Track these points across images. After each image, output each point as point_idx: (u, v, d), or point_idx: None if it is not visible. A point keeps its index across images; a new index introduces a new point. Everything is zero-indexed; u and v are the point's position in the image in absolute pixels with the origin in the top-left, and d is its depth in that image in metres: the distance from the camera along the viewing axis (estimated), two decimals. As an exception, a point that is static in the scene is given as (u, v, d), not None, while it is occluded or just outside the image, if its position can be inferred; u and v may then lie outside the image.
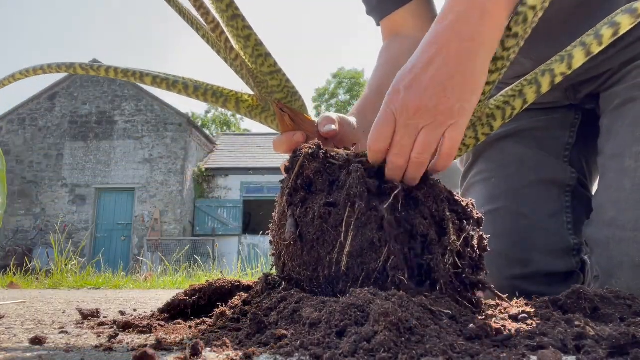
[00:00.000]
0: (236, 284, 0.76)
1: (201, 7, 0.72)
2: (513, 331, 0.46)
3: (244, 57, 0.73)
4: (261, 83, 0.74)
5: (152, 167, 12.90)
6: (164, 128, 13.12)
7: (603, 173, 0.92)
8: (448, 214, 0.61)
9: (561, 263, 0.99)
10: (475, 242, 0.64)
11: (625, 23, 0.58)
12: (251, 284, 0.76)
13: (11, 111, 13.27)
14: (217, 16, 0.72)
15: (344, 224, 0.58)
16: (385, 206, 0.58)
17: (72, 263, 3.77)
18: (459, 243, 0.60)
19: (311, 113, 0.79)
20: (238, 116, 25.72)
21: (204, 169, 13.68)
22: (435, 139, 0.59)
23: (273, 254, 0.68)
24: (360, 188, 0.59)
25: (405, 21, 1.03)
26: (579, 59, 0.60)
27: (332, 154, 0.65)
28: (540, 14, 0.60)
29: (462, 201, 0.65)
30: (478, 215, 0.65)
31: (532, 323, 0.50)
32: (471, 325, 0.45)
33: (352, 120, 0.81)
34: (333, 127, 0.74)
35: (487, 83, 0.62)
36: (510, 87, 0.66)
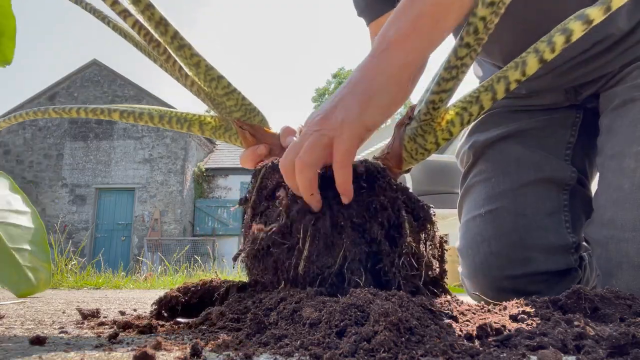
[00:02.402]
0: (231, 284, 0.76)
1: (151, 40, 0.77)
2: (513, 331, 0.46)
3: (198, 82, 0.78)
4: (219, 104, 0.79)
5: (152, 167, 12.91)
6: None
7: (602, 173, 0.92)
8: (404, 214, 0.64)
9: (560, 261, 0.99)
10: (434, 243, 0.68)
11: (577, 30, 0.59)
12: (245, 284, 0.76)
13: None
14: (167, 47, 0.76)
15: (301, 231, 0.61)
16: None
17: (72, 263, 3.76)
18: (414, 245, 0.63)
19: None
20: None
21: (204, 169, 13.68)
22: (321, 142, 0.61)
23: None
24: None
25: None
26: (532, 66, 0.62)
27: None
28: (495, 21, 0.63)
29: (420, 203, 0.68)
30: (434, 218, 0.69)
31: (532, 323, 0.50)
32: (471, 325, 0.45)
33: None
34: (295, 138, 0.77)
35: (444, 91, 0.65)
36: (468, 93, 0.68)
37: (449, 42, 0.75)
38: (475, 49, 0.64)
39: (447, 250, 0.70)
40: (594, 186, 1.00)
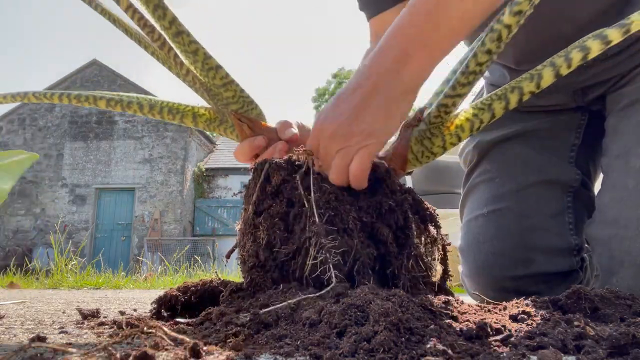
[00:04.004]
0: (229, 284, 0.75)
1: (145, 25, 0.72)
2: (513, 331, 0.46)
3: (195, 72, 0.74)
4: (216, 95, 0.75)
5: (152, 167, 12.90)
6: (164, 128, 13.12)
7: (607, 172, 0.93)
8: (411, 216, 0.64)
9: (562, 263, 0.99)
10: (438, 246, 0.68)
11: (595, 49, 0.59)
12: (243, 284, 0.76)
13: (11, 111, 13.28)
14: (163, 33, 0.71)
15: (306, 228, 0.60)
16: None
17: (72, 263, 3.76)
18: (422, 247, 0.64)
19: (311, 113, 0.80)
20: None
21: (204, 169, 13.68)
22: (345, 163, 0.63)
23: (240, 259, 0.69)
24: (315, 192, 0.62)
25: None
26: (547, 79, 0.62)
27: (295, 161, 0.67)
28: (515, 30, 0.62)
29: (427, 206, 0.68)
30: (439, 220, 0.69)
31: (532, 323, 0.50)
32: (471, 325, 0.45)
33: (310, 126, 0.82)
34: (294, 130, 0.76)
35: (459, 95, 0.65)
36: (481, 99, 0.68)
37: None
38: (494, 56, 0.63)
39: (449, 252, 0.70)
40: (597, 188, 1.00)
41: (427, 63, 0.63)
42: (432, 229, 0.68)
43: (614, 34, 0.58)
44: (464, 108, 0.69)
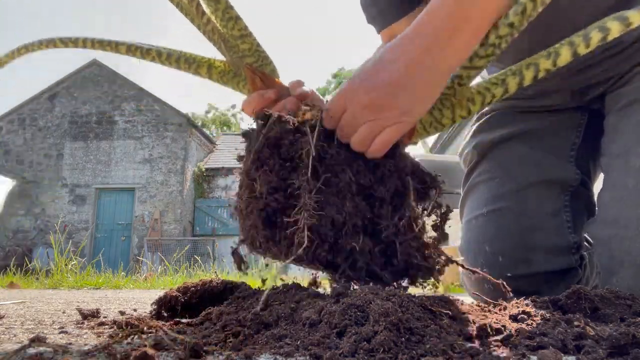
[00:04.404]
0: (229, 285, 0.75)
1: None
2: (513, 331, 0.46)
3: (214, 21, 0.74)
4: (232, 47, 0.75)
5: (152, 167, 12.90)
6: (164, 128, 13.12)
7: (607, 172, 0.93)
8: (409, 179, 0.64)
9: (562, 261, 0.99)
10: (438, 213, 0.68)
11: (615, 30, 0.58)
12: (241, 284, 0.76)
13: (11, 111, 13.27)
14: None
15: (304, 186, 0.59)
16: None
17: (72, 263, 3.76)
18: (418, 210, 0.64)
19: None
20: (238, 116, 25.71)
21: (204, 169, 13.67)
22: (373, 135, 0.62)
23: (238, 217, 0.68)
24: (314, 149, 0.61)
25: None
26: (565, 57, 0.61)
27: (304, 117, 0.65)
28: (540, 8, 0.60)
29: (428, 172, 0.68)
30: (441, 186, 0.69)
31: (532, 323, 0.50)
32: (471, 325, 0.45)
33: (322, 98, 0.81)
34: (306, 89, 0.75)
35: (475, 68, 0.64)
36: (495, 75, 0.67)
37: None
38: (515, 32, 0.62)
39: (449, 219, 0.70)
40: (596, 188, 1.00)
41: (471, 39, 0.61)
42: (432, 193, 0.68)
43: (636, 17, 0.57)
44: (477, 83, 0.68)
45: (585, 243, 1.05)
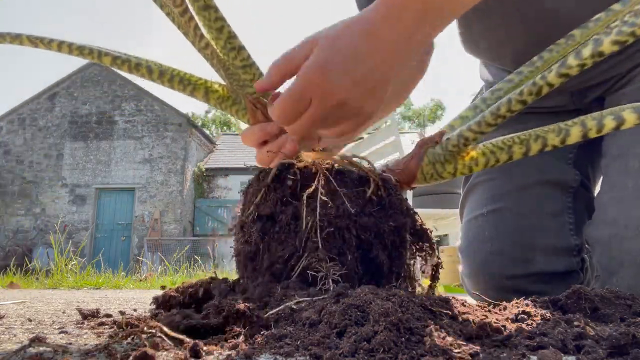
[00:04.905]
0: (228, 285, 0.75)
1: None
2: (513, 331, 0.46)
3: (215, 47, 0.69)
4: (233, 75, 0.70)
5: (152, 167, 12.91)
6: (164, 128, 13.13)
7: (606, 173, 0.93)
8: (408, 237, 0.64)
9: (562, 263, 0.99)
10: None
11: (630, 122, 0.57)
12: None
13: (11, 111, 13.28)
14: (187, 2, 0.67)
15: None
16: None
17: (72, 263, 3.77)
18: (412, 269, 0.64)
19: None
20: (238, 116, 25.68)
21: (204, 169, 13.69)
22: (346, 133, 0.61)
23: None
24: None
25: None
26: (575, 137, 0.61)
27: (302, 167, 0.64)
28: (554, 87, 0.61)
29: (424, 227, 0.68)
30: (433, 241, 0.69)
31: (532, 323, 0.50)
32: (471, 325, 0.45)
33: None
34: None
35: (482, 133, 0.65)
36: (502, 139, 0.67)
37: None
38: (525, 107, 0.63)
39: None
40: (597, 190, 1.00)
41: (439, 25, 0.59)
42: (426, 246, 0.68)
43: None
44: (483, 143, 0.69)
45: (586, 246, 1.05)
